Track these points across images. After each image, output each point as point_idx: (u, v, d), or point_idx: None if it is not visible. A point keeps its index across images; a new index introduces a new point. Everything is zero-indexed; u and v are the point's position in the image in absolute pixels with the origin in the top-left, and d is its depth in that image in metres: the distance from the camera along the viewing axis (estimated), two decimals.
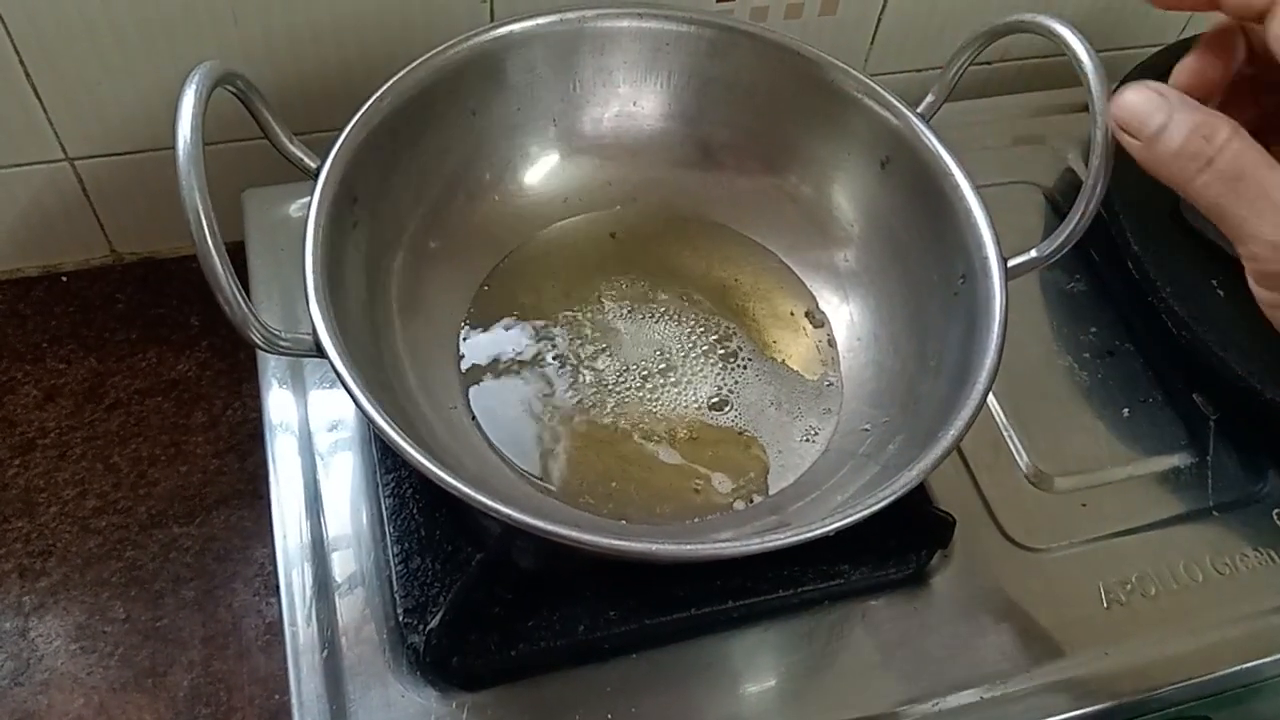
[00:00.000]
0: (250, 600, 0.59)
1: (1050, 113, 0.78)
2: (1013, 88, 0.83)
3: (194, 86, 0.39)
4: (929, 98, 0.55)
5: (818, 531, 0.40)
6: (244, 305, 0.39)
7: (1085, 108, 0.77)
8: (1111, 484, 0.59)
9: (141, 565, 0.60)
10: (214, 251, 0.38)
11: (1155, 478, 0.60)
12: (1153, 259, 0.62)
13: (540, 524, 0.39)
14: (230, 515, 0.62)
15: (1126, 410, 0.63)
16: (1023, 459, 0.59)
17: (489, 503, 0.39)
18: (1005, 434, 0.60)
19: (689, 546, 0.40)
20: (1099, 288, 0.68)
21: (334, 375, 0.42)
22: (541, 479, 0.52)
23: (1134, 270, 0.63)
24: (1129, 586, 0.55)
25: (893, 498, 0.41)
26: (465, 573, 0.48)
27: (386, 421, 0.40)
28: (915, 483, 0.42)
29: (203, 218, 0.37)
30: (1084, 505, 0.58)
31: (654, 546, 0.39)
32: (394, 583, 0.49)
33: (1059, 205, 0.72)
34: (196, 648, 0.57)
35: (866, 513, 0.41)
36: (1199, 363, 0.60)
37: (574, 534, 0.39)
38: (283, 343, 0.41)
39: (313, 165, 0.47)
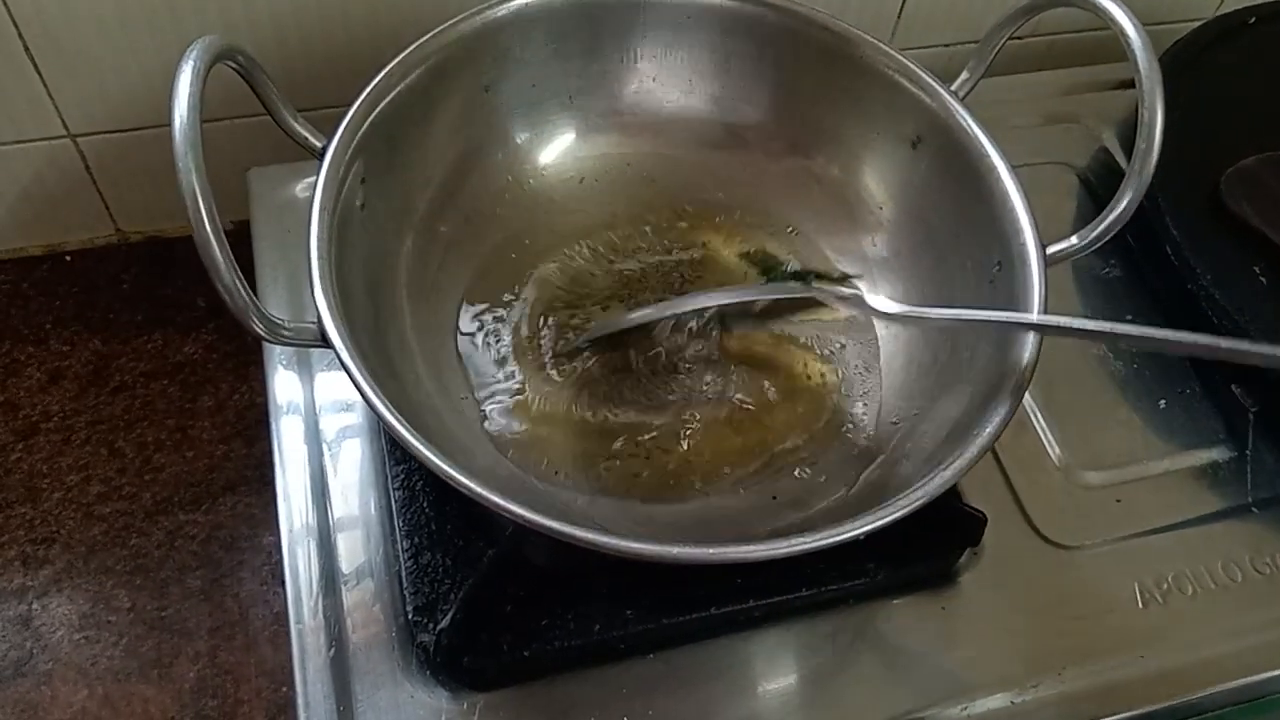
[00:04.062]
0: (257, 590, 0.59)
1: (1082, 90, 0.76)
2: (1042, 64, 0.81)
3: (192, 63, 0.37)
4: (964, 75, 0.53)
5: (845, 536, 0.38)
6: (245, 294, 0.38)
7: (1119, 85, 0.76)
8: (1147, 479, 0.57)
9: (146, 553, 0.59)
10: (213, 237, 0.36)
11: (1192, 472, 0.58)
12: (1193, 245, 0.60)
13: (555, 525, 0.37)
14: (237, 502, 0.61)
15: (1163, 402, 0.60)
16: (1055, 452, 0.58)
17: (501, 502, 0.37)
18: (1037, 426, 0.58)
19: (708, 550, 0.38)
20: (1135, 274, 0.65)
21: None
22: (556, 470, 0.50)
23: (1173, 256, 0.60)
24: (1165, 586, 0.54)
25: (924, 500, 0.40)
26: (477, 569, 0.46)
27: (394, 416, 0.39)
28: (948, 484, 0.40)
29: (200, 202, 0.36)
30: (1118, 501, 0.56)
31: (673, 550, 0.38)
32: (403, 578, 0.48)
33: (1093, 187, 0.70)
34: (203, 638, 0.57)
35: (896, 515, 0.39)
36: None
37: (590, 536, 0.37)
38: (286, 332, 0.40)
39: (318, 144, 0.46)
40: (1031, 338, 0.44)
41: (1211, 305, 0.58)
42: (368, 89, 0.48)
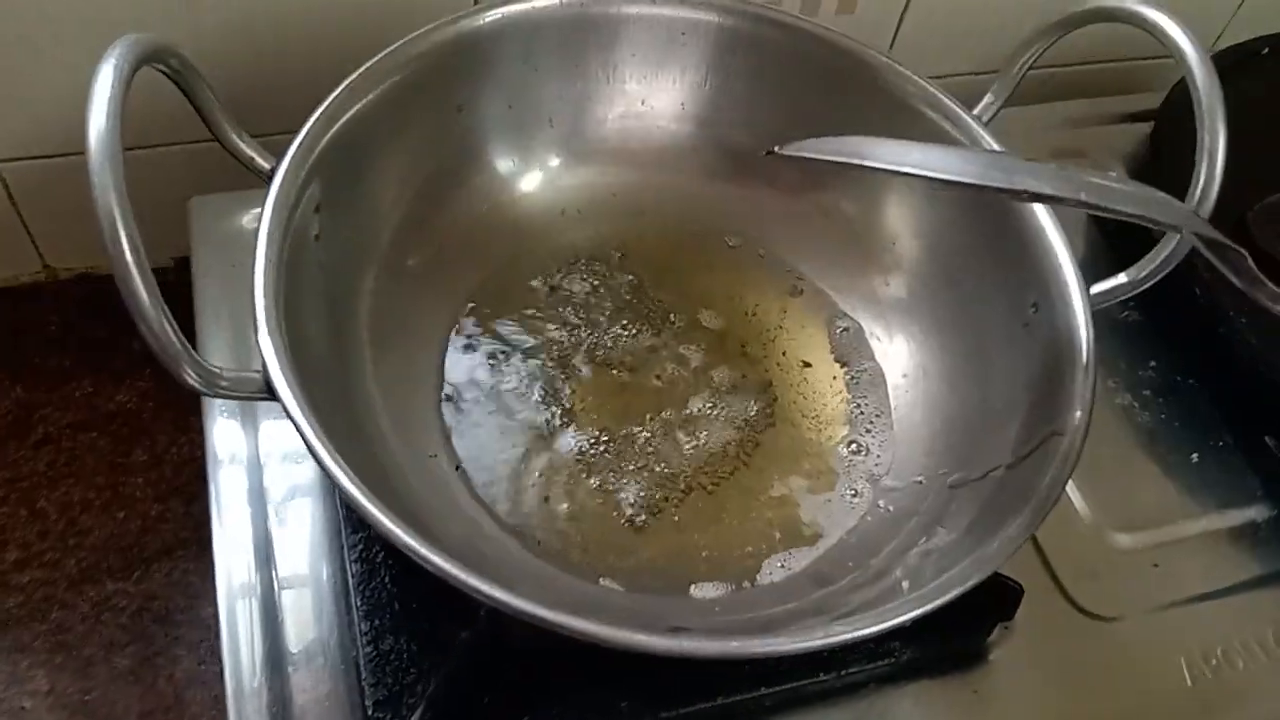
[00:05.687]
0: (195, 670, 0.55)
1: (1090, 123, 0.73)
2: (1040, 96, 0.78)
3: (113, 63, 0.34)
4: (987, 98, 0.51)
5: (878, 628, 0.35)
6: (175, 338, 0.34)
7: (1128, 118, 0.74)
8: (1184, 541, 0.54)
9: (70, 628, 0.55)
10: (135, 270, 0.32)
11: (1231, 534, 0.55)
12: (1224, 285, 0.56)
13: (539, 612, 0.33)
14: (173, 569, 0.58)
15: (1195, 456, 0.57)
16: (1084, 512, 0.54)
17: (474, 583, 0.33)
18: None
19: (721, 644, 0.33)
20: (1157, 318, 0.62)
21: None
22: (540, 542, 0.46)
23: (1202, 298, 0.57)
24: (1214, 661, 0.50)
25: (975, 580, 0.36)
26: (448, 657, 0.42)
27: (352, 480, 0.34)
28: (1003, 558, 0.36)
29: (121, 228, 0.32)
30: (1156, 565, 0.53)
31: (681, 644, 0.33)
32: (362, 666, 0.43)
33: (1106, 226, 0.66)
34: None
35: (941, 601, 0.36)
36: (1275, 401, 0.56)
37: (583, 626, 0.33)
38: (224, 382, 0.36)
39: (266, 166, 0.42)
40: (1082, 380, 0.40)
41: (1245, 349, 0.55)
42: (324, 104, 0.44)
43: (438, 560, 0.33)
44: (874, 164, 0.36)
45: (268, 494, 0.49)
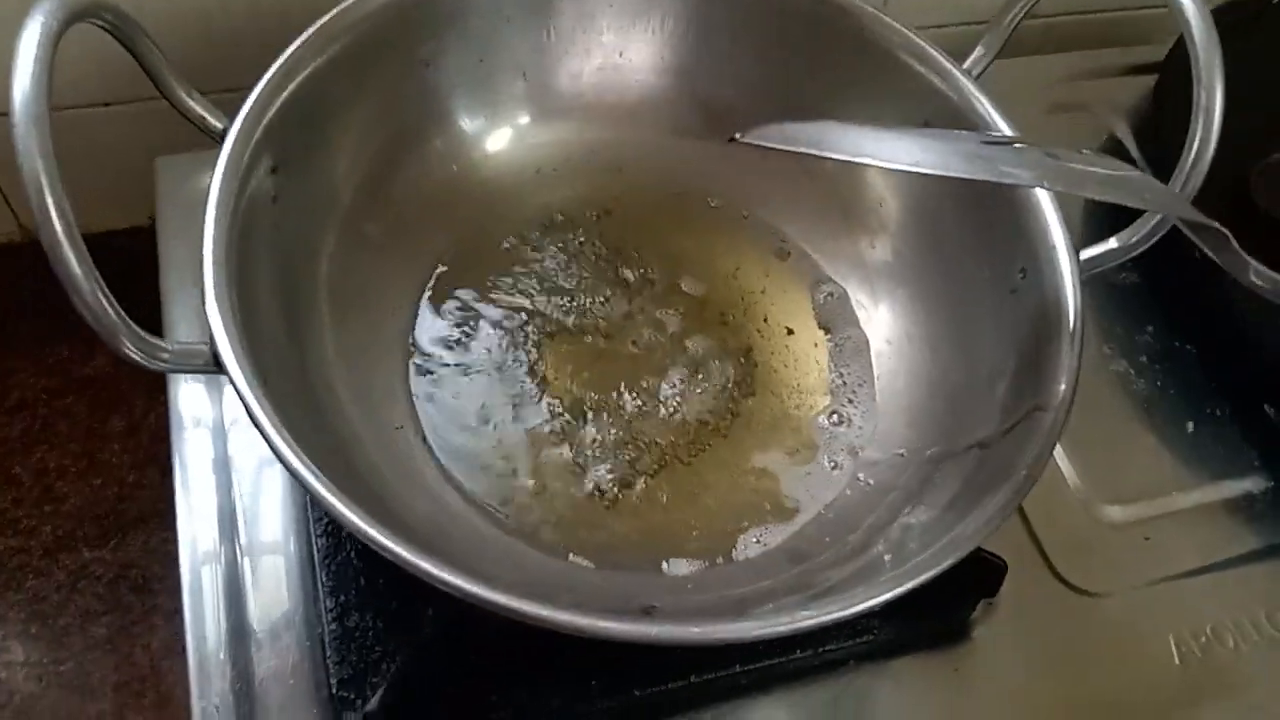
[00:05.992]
0: (171, 640, 0.55)
1: (1089, 76, 0.70)
2: (1039, 49, 0.75)
3: (39, 20, 0.32)
4: (978, 50, 0.48)
5: (848, 611, 0.33)
6: (109, 308, 0.32)
7: (1129, 71, 0.71)
8: (1177, 514, 0.53)
9: (45, 597, 0.55)
10: (65, 239, 0.31)
11: (1226, 506, 0.53)
12: None
13: (508, 602, 0.32)
14: (149, 537, 0.57)
15: (1191, 425, 0.56)
16: (1074, 484, 0.52)
17: (441, 575, 0.32)
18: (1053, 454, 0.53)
19: (693, 629, 0.32)
20: (1155, 281, 0.60)
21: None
22: (509, 517, 0.45)
23: (1200, 258, 0.54)
24: (1203, 638, 0.49)
25: (950, 562, 0.34)
26: (415, 636, 0.41)
27: (299, 458, 0.33)
28: (981, 537, 0.35)
29: (47, 194, 0.31)
30: (1147, 539, 0.51)
31: (654, 630, 0.32)
32: (326, 644, 0.42)
33: None
34: (107, 696, 0.53)
35: (913, 584, 0.34)
36: (1274, 368, 0.54)
37: (551, 615, 0.31)
38: (166, 355, 0.34)
39: (219, 126, 0.40)
40: (1068, 349, 0.39)
41: (1244, 313, 0.54)
42: (280, 60, 0.42)
43: (399, 550, 0.32)
44: (834, 154, 0.35)
45: (233, 463, 0.48)
